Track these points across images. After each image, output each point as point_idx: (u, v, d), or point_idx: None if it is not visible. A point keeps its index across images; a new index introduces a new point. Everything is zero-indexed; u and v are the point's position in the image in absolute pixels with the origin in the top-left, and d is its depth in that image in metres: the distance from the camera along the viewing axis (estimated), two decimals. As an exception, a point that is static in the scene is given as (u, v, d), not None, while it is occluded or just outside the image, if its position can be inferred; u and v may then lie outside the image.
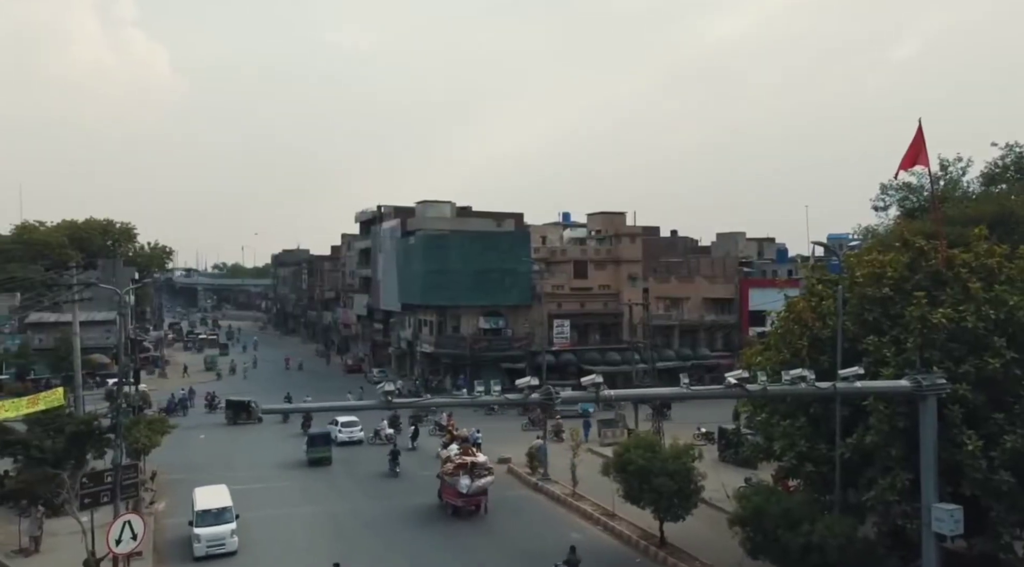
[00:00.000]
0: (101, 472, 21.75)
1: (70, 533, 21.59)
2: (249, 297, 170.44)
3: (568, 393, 15.47)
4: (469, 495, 26.37)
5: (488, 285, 55.50)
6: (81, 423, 26.12)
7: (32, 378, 54.25)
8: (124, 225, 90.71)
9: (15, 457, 25.14)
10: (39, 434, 25.16)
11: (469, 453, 27.43)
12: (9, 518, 23.98)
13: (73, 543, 20.41)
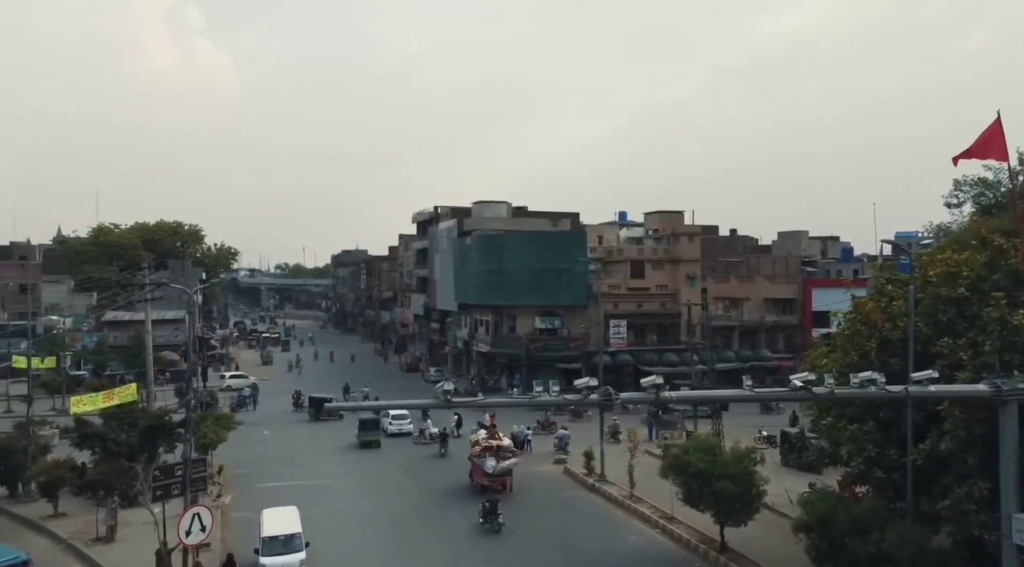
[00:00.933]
0: (172, 465, 22.54)
1: (143, 524, 22.46)
2: (310, 297, 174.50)
3: (627, 395, 15.31)
4: (495, 475, 28.41)
5: (544, 285, 55.45)
6: (153, 418, 27.11)
7: (108, 374, 56.56)
8: (192, 227, 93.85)
9: (93, 449, 26.25)
10: (115, 428, 26.22)
11: (495, 437, 29.66)
12: (87, 508, 25.08)
13: (146, 533, 21.21)
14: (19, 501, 27.80)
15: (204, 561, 19.86)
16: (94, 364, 59.65)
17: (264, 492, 29.14)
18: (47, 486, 26.14)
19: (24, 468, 27.97)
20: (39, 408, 36.89)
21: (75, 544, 23.12)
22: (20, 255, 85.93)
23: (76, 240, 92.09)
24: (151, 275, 41.68)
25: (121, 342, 60.98)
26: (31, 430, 29.38)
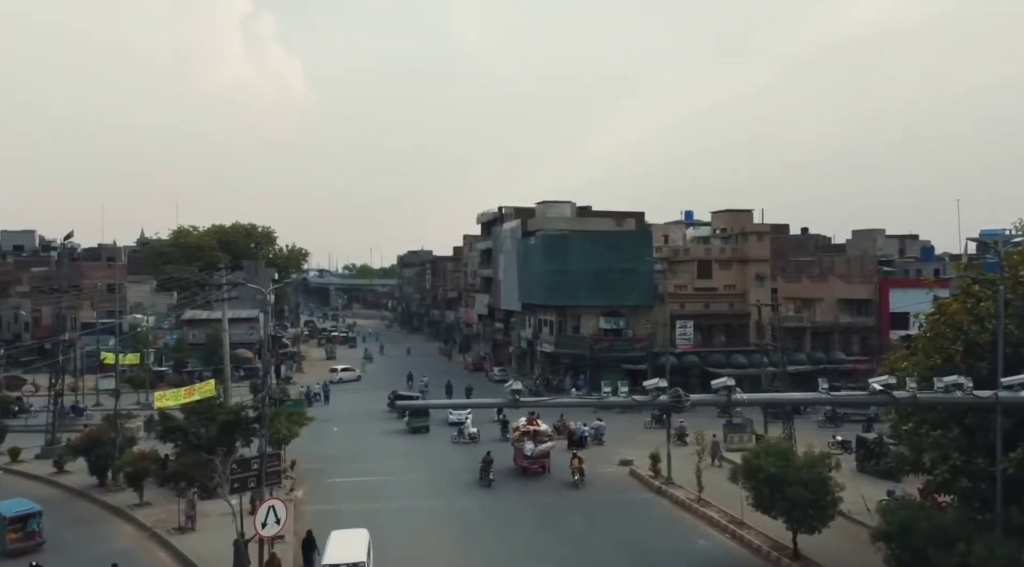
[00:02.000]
0: (248, 459, 23.33)
1: (221, 515, 23.33)
2: (376, 296, 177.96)
3: (698, 396, 15.06)
4: (533, 457, 31.20)
5: (608, 285, 55.06)
6: (231, 413, 28.08)
7: (188, 370, 58.99)
8: (265, 229, 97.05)
9: (175, 442, 27.44)
10: (195, 422, 27.30)
11: (533, 423, 32.23)
12: (170, 498, 26.22)
13: (224, 524, 22.03)
14: (108, 490, 29.32)
15: (278, 552, 20.47)
16: (175, 361, 62.27)
17: (335, 487, 29.93)
18: (133, 476, 27.50)
19: (112, 459, 29.49)
20: (125, 402, 38.92)
21: (159, 532, 24.23)
22: (107, 257, 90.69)
23: (158, 242, 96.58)
24: (227, 275, 43.21)
25: (199, 340, 63.50)
26: (118, 423, 30.94)
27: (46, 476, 32.12)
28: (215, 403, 29.12)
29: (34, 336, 69.37)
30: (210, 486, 23.76)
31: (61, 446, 34.01)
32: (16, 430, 38.12)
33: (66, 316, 55.16)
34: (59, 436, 36.18)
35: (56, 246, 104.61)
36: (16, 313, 75.85)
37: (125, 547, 23.56)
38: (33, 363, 57.00)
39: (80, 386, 52.43)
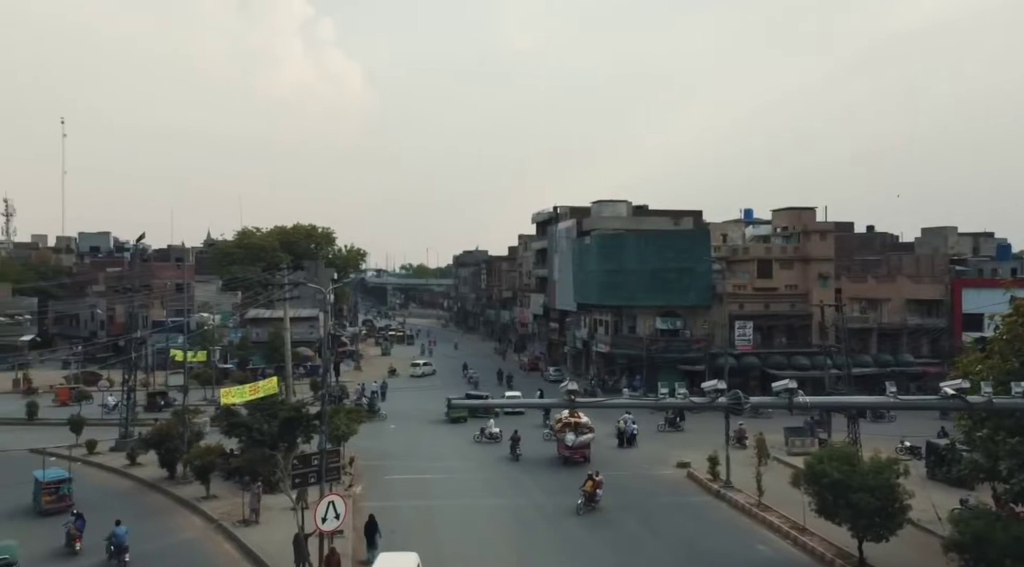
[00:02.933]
0: (309, 455, 23.85)
1: (282, 509, 23.97)
2: (432, 296, 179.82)
3: (758, 399, 14.71)
4: (573, 447, 33.12)
5: (665, 285, 54.36)
6: (292, 410, 28.81)
7: (251, 367, 60.67)
8: (325, 229, 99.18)
9: (240, 438, 28.26)
10: (258, 418, 28.10)
11: (575, 415, 33.55)
12: (234, 491, 27.04)
13: (286, 518, 22.60)
14: (177, 482, 30.41)
15: (337, 546, 20.85)
16: (239, 358, 64.12)
17: (392, 484, 30.30)
18: (200, 470, 28.43)
19: (181, 452, 30.57)
20: (193, 398, 40.18)
21: (224, 525, 24.97)
22: (176, 257, 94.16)
23: (223, 243, 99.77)
24: (288, 275, 44.28)
25: (262, 338, 65.24)
26: (186, 418, 32.07)
27: (120, 468, 33.50)
28: (277, 400, 29.87)
29: (109, 333, 72.55)
30: (272, 480, 24.41)
31: (134, 439, 35.42)
32: (93, 423, 39.85)
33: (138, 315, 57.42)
34: (132, 429, 37.70)
35: (129, 247, 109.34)
36: (93, 311, 79.46)
37: (193, 538, 24.40)
38: (108, 359, 59.67)
39: (151, 382, 54.56)
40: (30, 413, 45.71)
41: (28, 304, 75.52)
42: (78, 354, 70.08)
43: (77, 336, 79.47)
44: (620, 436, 37.64)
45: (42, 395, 52.71)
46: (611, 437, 38.29)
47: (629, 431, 37.60)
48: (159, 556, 22.71)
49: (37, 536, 23.61)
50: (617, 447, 37.45)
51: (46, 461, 30.51)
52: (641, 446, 37.59)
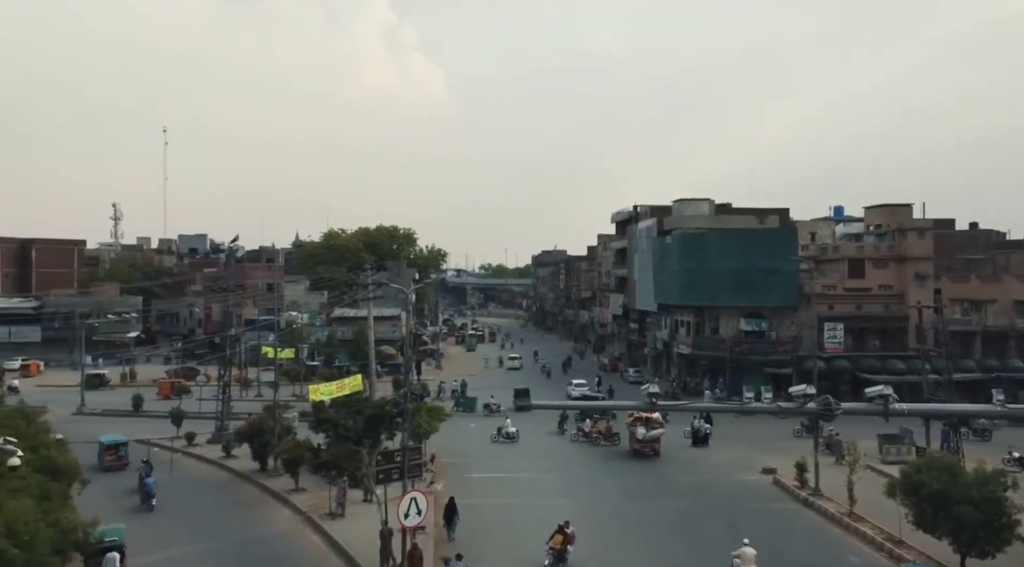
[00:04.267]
0: (392, 452, 24.42)
1: (367, 503, 24.62)
2: (511, 296, 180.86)
3: (850, 405, 14.13)
4: (644, 441, 34.57)
5: (749, 285, 52.88)
6: (376, 407, 29.54)
7: (337, 365, 62.60)
8: (407, 230, 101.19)
9: (327, 433, 29.22)
10: (344, 415, 28.94)
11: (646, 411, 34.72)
12: (321, 485, 27.98)
13: (370, 512, 23.20)
14: (268, 475, 31.72)
15: (420, 542, 21.25)
16: (325, 356, 66.23)
17: (471, 482, 30.63)
18: (290, 463, 29.57)
19: (272, 446, 31.85)
20: (282, 393, 41.89)
21: (312, 517, 25.88)
22: (267, 258, 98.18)
23: (311, 244, 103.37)
24: (372, 275, 45.45)
25: (347, 336, 67.23)
26: (276, 413, 33.38)
27: (216, 459, 35.22)
28: (362, 397, 30.70)
29: (206, 331, 76.41)
30: (357, 476, 25.12)
31: (228, 433, 37.14)
32: (192, 416, 42.03)
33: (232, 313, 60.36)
34: (226, 423, 39.54)
35: (224, 249, 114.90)
36: (191, 310, 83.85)
37: (284, 530, 25.39)
38: (205, 355, 62.82)
39: (244, 378, 57.08)
40: (136, 406, 48.66)
41: (134, 303, 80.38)
42: (178, 350, 74.09)
43: (177, 333, 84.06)
44: (694, 435, 38.10)
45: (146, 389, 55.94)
46: (684, 436, 38.77)
47: (703, 430, 37.94)
48: (254, 546, 23.75)
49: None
50: (691, 445, 37.72)
51: (150, 451, 32.41)
52: (722, 451, 36.76)
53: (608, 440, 38.40)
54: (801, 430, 39.54)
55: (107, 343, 73.53)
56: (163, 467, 31.38)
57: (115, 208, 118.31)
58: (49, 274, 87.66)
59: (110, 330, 74.49)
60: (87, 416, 46.37)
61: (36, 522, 16.97)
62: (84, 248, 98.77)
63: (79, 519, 19.29)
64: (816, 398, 13.18)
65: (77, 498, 21.34)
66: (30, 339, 73.62)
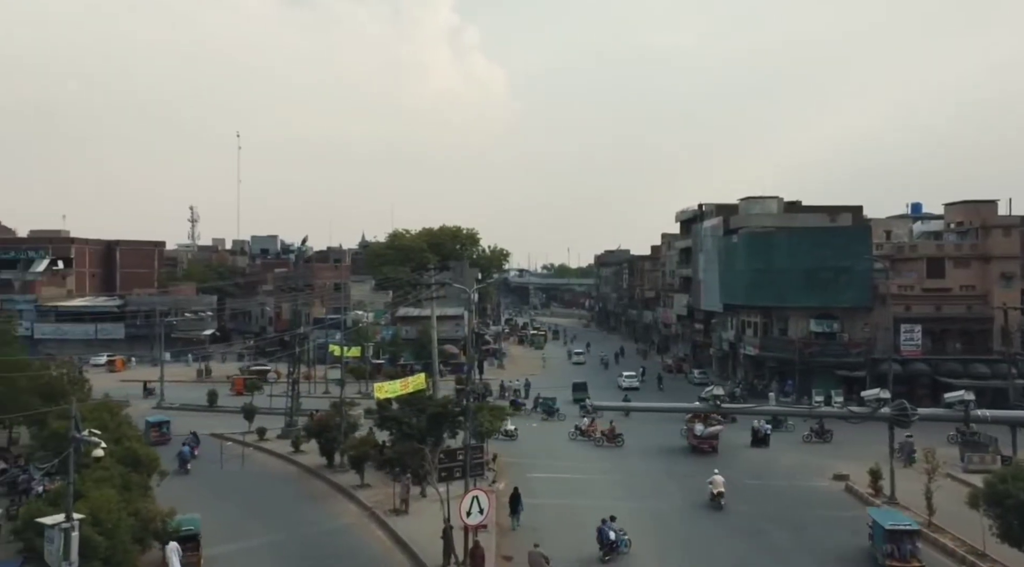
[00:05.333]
0: (454, 450, 24.63)
1: (430, 500, 24.92)
2: (574, 296, 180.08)
3: (928, 411, 13.49)
4: (702, 437, 34.53)
5: (820, 285, 51.23)
6: (439, 405, 29.84)
7: (401, 363, 63.59)
8: (470, 231, 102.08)
9: (391, 430, 29.70)
10: (407, 413, 29.32)
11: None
12: (386, 481, 28.47)
13: (433, 509, 23.48)
14: (335, 470, 32.48)
15: (482, 540, 21.37)
16: (390, 354, 67.35)
17: (534, 481, 30.62)
18: (355, 460, 30.21)
19: (338, 442, 32.59)
20: (349, 391, 42.68)
21: (377, 513, 26.38)
22: (334, 259, 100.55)
23: (376, 244, 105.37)
24: (435, 275, 45.97)
25: (411, 335, 68.22)
26: (343, 410, 34.13)
27: (285, 454, 36.25)
28: (425, 395, 31.08)
29: (276, 329, 78.79)
30: (420, 473, 25.45)
31: (297, 428, 38.19)
32: (263, 412, 43.38)
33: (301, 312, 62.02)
34: (295, 419, 40.66)
35: (294, 249, 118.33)
36: (263, 309, 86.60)
37: (350, 524, 25.96)
38: (275, 353, 64.76)
39: (311, 375, 58.58)
40: (211, 401, 50.58)
41: (209, 302, 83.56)
42: (250, 348, 76.66)
43: (249, 331, 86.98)
44: (754, 435, 37.43)
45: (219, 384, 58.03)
46: (743, 435, 37.55)
47: (762, 430, 37.30)
48: (323, 539, 24.36)
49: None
50: (749, 445, 37.07)
51: (223, 445, 33.54)
52: (791, 454, 35.62)
53: (611, 441, 37.99)
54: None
55: (184, 340, 76.71)
56: (236, 461, 32.49)
57: (192, 211, 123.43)
58: (132, 274, 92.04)
59: (187, 328, 77.69)
60: (166, 410, 48.43)
61: (119, 511, 17.85)
62: (164, 249, 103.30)
63: (158, 509, 20.17)
64: (891, 403, 12.62)
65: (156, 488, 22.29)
66: (114, 336, 77.39)
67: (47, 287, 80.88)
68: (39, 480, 25.70)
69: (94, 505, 17.40)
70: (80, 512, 16.51)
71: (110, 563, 17.26)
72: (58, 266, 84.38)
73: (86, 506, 17.13)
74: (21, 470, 28.98)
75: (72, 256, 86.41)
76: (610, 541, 22.01)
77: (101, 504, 17.53)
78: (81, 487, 17.76)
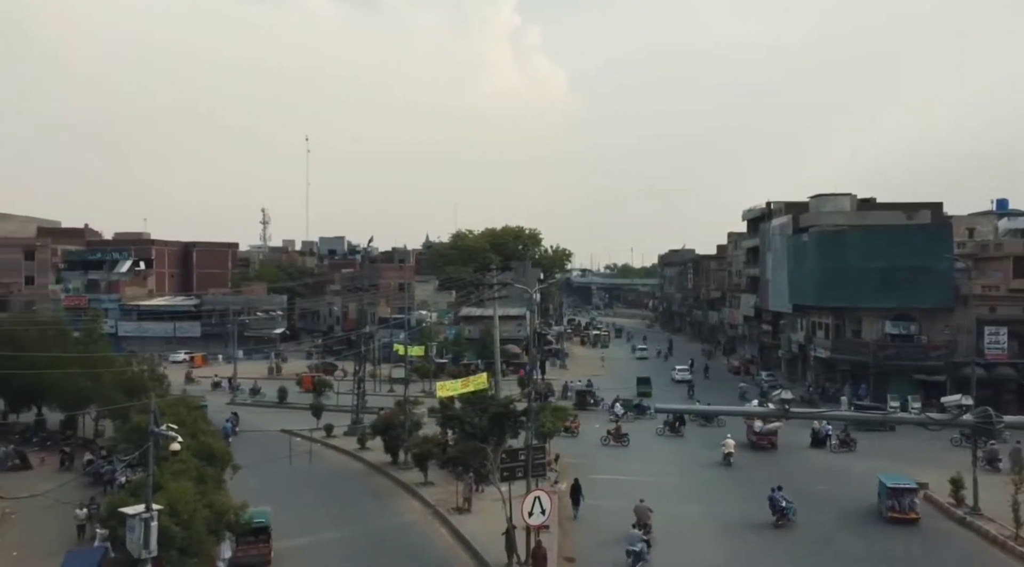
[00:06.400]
0: (516, 450, 24.69)
1: (492, 500, 25.02)
2: (637, 296, 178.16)
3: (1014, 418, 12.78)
4: (761, 434, 35.25)
5: (896, 285, 49.15)
6: (501, 405, 29.95)
7: (464, 363, 64.15)
8: (532, 231, 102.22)
9: (453, 429, 30.00)
10: (470, 412, 29.53)
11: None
12: (449, 480, 28.75)
13: (495, 509, 23.57)
14: (399, 468, 33.00)
15: (544, 541, 21.34)
16: (453, 353, 68.05)
17: (597, 483, 30.35)
18: (419, 457, 30.62)
19: (402, 440, 33.09)
20: (412, 389, 43.38)
21: (440, 511, 26.67)
22: (399, 259, 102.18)
23: (439, 245, 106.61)
24: (498, 275, 46.16)
25: (474, 335, 68.72)
26: (407, 408, 34.64)
27: (351, 451, 37.05)
28: (487, 395, 31.25)
29: (343, 328, 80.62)
30: (483, 472, 25.60)
31: (363, 426, 38.96)
32: (331, 409, 44.44)
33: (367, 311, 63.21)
34: (361, 416, 41.50)
35: (360, 250, 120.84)
36: (331, 308, 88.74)
37: (413, 521, 26.34)
38: (342, 352, 66.28)
39: (377, 374, 59.69)
40: (281, 398, 52.13)
41: (280, 301, 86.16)
42: (318, 346, 78.65)
43: (317, 330, 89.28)
44: (814, 436, 37.48)
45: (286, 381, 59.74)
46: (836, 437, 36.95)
47: (823, 431, 37.28)
48: (388, 534, 24.82)
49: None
50: (809, 446, 37.02)
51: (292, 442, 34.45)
52: (865, 460, 34.22)
53: (617, 441, 37.93)
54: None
55: (256, 339, 79.29)
56: (304, 456, 33.34)
57: (264, 213, 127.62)
58: (207, 274, 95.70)
59: (259, 327, 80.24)
60: (239, 405, 50.16)
61: (194, 503, 18.54)
62: (237, 250, 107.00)
63: (231, 502, 20.86)
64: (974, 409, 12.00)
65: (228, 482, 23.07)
66: (191, 334, 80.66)
67: (130, 287, 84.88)
68: (122, 471, 26.98)
69: (172, 496, 18.12)
70: (159, 503, 17.22)
71: (186, 553, 17.95)
72: (140, 267, 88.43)
73: (164, 497, 17.85)
74: (106, 461, 30.51)
75: (152, 257, 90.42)
76: (780, 508, 24.24)
77: (178, 496, 18.24)
78: (160, 479, 18.52)
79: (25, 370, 33.94)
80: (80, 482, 29.76)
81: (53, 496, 23.71)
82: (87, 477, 30.94)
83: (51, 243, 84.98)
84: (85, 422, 40.19)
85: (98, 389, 35.34)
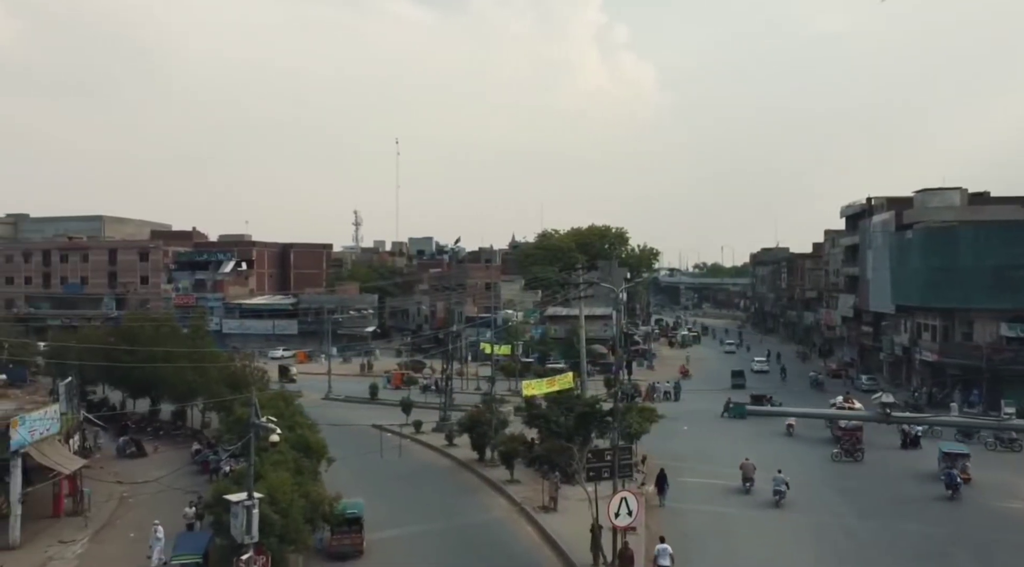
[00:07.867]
0: (602, 450, 24.54)
1: (578, 499, 24.92)
2: (727, 296, 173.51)
3: None
4: (846, 429, 35.06)
5: (1012, 285, 46.00)
6: (587, 405, 29.87)
7: (551, 363, 64.18)
8: (619, 230, 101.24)
9: (539, 428, 30.11)
10: (555, 411, 29.64)
11: (849, 401, 39.16)
12: (535, 478, 28.88)
13: (581, 508, 23.47)
14: (486, 465, 33.40)
15: (630, 542, 21.12)
16: (539, 353, 68.23)
17: (685, 486, 29.82)
18: (505, 455, 30.88)
19: (489, 438, 33.49)
20: (499, 388, 43.78)
21: (526, 508, 26.81)
22: (485, 259, 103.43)
23: (526, 245, 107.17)
24: (584, 275, 45.99)
25: (560, 334, 68.75)
26: (493, 406, 35.02)
27: (439, 447, 37.77)
28: (573, 394, 31.22)
29: (431, 327, 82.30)
30: (568, 472, 25.58)
31: (451, 423, 39.67)
32: (419, 405, 45.43)
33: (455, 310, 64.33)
34: (449, 413, 42.24)
35: (448, 250, 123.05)
36: (419, 307, 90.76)
37: (499, 517, 26.61)
38: (430, 350, 67.67)
39: (464, 371, 60.60)
40: (372, 393, 53.73)
41: (371, 300, 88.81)
42: (408, 344, 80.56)
43: (407, 328, 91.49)
44: (904, 436, 36.39)
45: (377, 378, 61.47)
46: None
47: (913, 432, 36.13)
48: (476, 530, 25.19)
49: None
50: (899, 448, 36.00)
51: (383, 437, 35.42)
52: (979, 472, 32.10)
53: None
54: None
55: (349, 336, 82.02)
56: (394, 451, 34.23)
57: (356, 214, 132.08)
58: (303, 274, 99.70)
59: (352, 325, 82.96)
60: (333, 401, 52.00)
61: (292, 492, 19.40)
62: (331, 251, 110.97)
63: (326, 493, 21.70)
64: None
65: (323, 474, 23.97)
66: (288, 331, 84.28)
67: (233, 286, 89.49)
68: (226, 461, 28.53)
69: (271, 486, 19.02)
70: (259, 492, 18.10)
71: (285, 540, 18.81)
72: (242, 267, 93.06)
73: (264, 487, 18.76)
74: (212, 451, 32.34)
75: (253, 258, 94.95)
76: (955, 483, 26.83)
77: (277, 485, 19.13)
78: (260, 469, 19.46)
79: (142, 364, 36.39)
80: (188, 470, 31.66)
81: (166, 482, 25.31)
82: (194, 465, 32.87)
83: (163, 245, 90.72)
84: (193, 414, 42.66)
85: (204, 383, 37.49)
